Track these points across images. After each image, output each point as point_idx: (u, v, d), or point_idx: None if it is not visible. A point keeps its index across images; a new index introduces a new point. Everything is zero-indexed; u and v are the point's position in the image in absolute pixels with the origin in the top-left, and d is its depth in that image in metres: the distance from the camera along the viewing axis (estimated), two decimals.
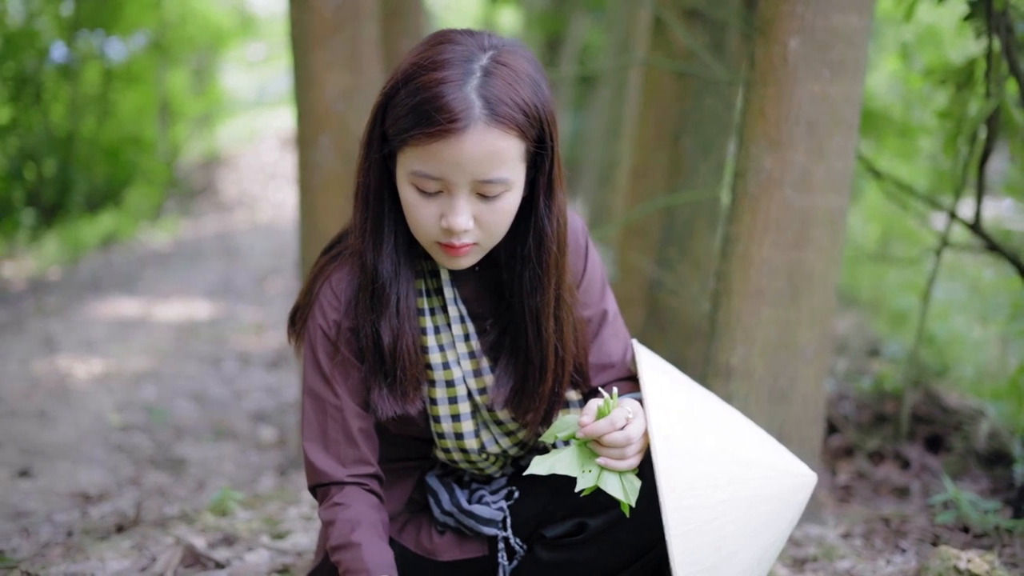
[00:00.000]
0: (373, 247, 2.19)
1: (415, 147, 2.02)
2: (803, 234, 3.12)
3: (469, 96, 1.99)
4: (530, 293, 2.23)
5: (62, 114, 13.57)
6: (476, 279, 2.32)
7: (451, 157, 2.00)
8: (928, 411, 4.48)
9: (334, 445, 2.29)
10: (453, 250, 2.11)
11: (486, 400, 2.30)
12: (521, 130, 2.04)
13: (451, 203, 2.05)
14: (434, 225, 2.08)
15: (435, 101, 1.99)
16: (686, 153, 4.68)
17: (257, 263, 11.45)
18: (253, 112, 20.86)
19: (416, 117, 2.00)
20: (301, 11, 4.50)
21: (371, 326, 2.22)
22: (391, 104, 2.07)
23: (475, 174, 2.02)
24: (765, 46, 3.12)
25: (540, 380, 2.28)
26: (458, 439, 2.31)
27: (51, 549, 3.45)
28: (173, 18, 15.94)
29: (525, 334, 2.26)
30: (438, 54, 2.04)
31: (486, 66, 2.03)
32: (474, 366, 2.30)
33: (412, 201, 2.08)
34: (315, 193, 4.54)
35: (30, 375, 6.39)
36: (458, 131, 1.98)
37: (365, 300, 2.22)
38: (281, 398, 6.31)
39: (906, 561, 2.98)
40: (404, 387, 2.23)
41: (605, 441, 2.04)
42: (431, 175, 2.03)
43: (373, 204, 2.18)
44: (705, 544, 2.01)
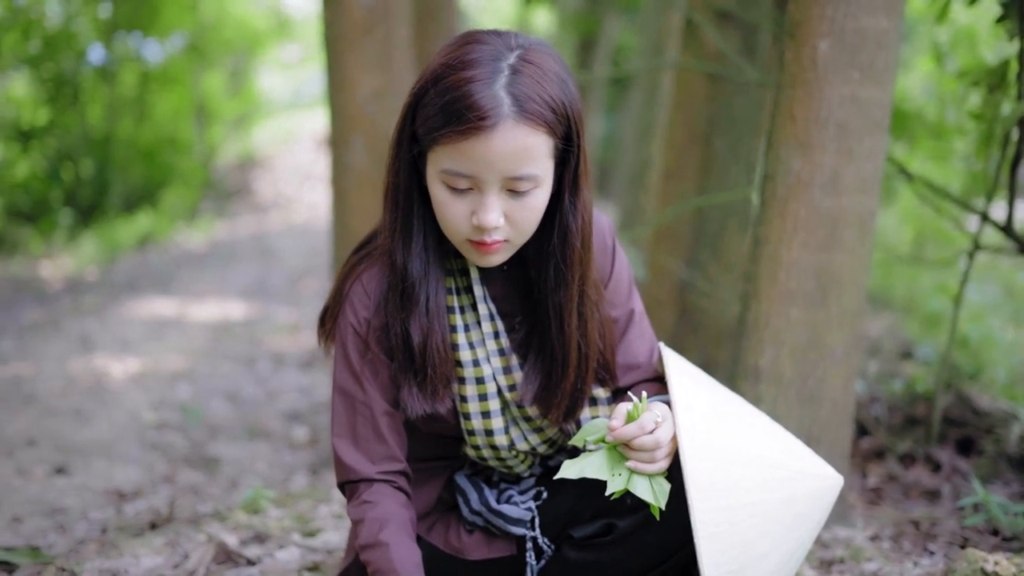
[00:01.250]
0: (403, 246, 2.22)
1: (445, 145, 2.05)
2: (832, 236, 3.13)
3: (498, 94, 2.02)
4: (554, 289, 2.25)
5: (99, 115, 13.69)
6: (504, 277, 2.34)
7: (481, 154, 2.02)
8: (960, 414, 4.46)
9: (363, 442, 2.31)
10: (484, 247, 2.13)
11: (515, 397, 2.32)
12: (549, 127, 2.07)
13: (482, 200, 2.08)
14: (465, 223, 2.11)
15: (465, 99, 2.01)
16: (717, 155, 4.69)
17: (291, 264, 11.51)
18: (288, 113, 20.97)
19: (446, 116, 2.03)
20: (334, 13, 4.54)
21: (401, 324, 2.24)
22: (420, 104, 2.10)
23: (505, 171, 2.05)
24: (795, 48, 3.12)
25: (563, 376, 2.29)
26: (488, 436, 2.33)
27: (86, 545, 3.50)
28: (210, 20, 16.05)
29: (550, 330, 2.28)
30: (466, 54, 2.06)
31: (514, 64, 2.06)
32: (503, 363, 2.32)
33: (443, 199, 2.11)
34: (347, 193, 4.58)
35: (67, 374, 6.45)
36: (488, 128, 2.01)
37: (395, 299, 2.24)
38: (314, 398, 6.34)
39: (933, 564, 2.98)
40: (434, 385, 2.26)
41: (635, 445, 2.06)
42: (462, 173, 2.05)
43: (403, 204, 2.20)
44: (733, 546, 2.02)
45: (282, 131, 19.21)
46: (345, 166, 4.56)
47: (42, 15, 12.51)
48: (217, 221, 14.52)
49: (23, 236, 11.93)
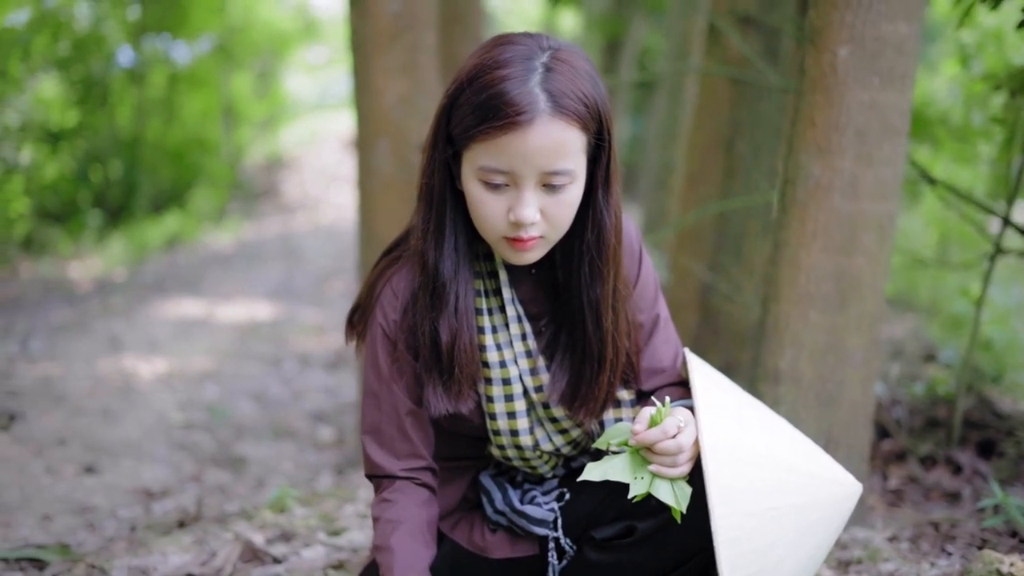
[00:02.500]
0: (435, 246, 2.25)
1: (482, 142, 2.09)
2: (852, 240, 3.15)
3: (534, 90, 2.06)
4: (589, 285, 2.28)
5: (128, 117, 13.78)
6: (532, 280, 2.38)
7: (518, 149, 2.07)
8: (981, 417, 4.48)
9: (388, 440, 2.36)
10: (520, 243, 2.16)
11: (542, 398, 2.35)
12: (583, 122, 2.11)
13: (519, 196, 2.12)
14: (502, 220, 2.14)
15: (501, 96, 2.06)
16: (740, 159, 4.72)
17: (318, 265, 11.57)
18: (315, 115, 21.04)
19: (483, 113, 2.07)
20: (361, 18, 4.58)
21: (430, 324, 2.28)
22: (456, 105, 2.14)
23: (541, 166, 2.09)
24: (815, 54, 3.15)
25: (598, 370, 2.33)
26: (513, 436, 2.37)
27: (115, 543, 3.56)
28: (237, 22, 16.13)
29: (583, 327, 2.32)
30: (500, 54, 2.11)
31: (547, 63, 2.10)
32: (530, 364, 2.36)
33: (479, 197, 2.14)
34: (373, 197, 4.62)
35: (95, 374, 6.52)
36: (524, 124, 2.05)
37: (425, 298, 2.28)
38: (339, 398, 6.39)
39: (950, 565, 3.00)
40: (459, 385, 2.30)
41: (657, 449, 2.09)
42: (499, 168, 2.09)
43: (437, 204, 2.24)
44: (752, 550, 2.05)
45: (308, 132, 19.29)
46: (371, 170, 4.60)
47: (71, 17, 12.59)
48: (244, 222, 14.59)
49: (52, 237, 12.01)
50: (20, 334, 7.66)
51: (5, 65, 10.59)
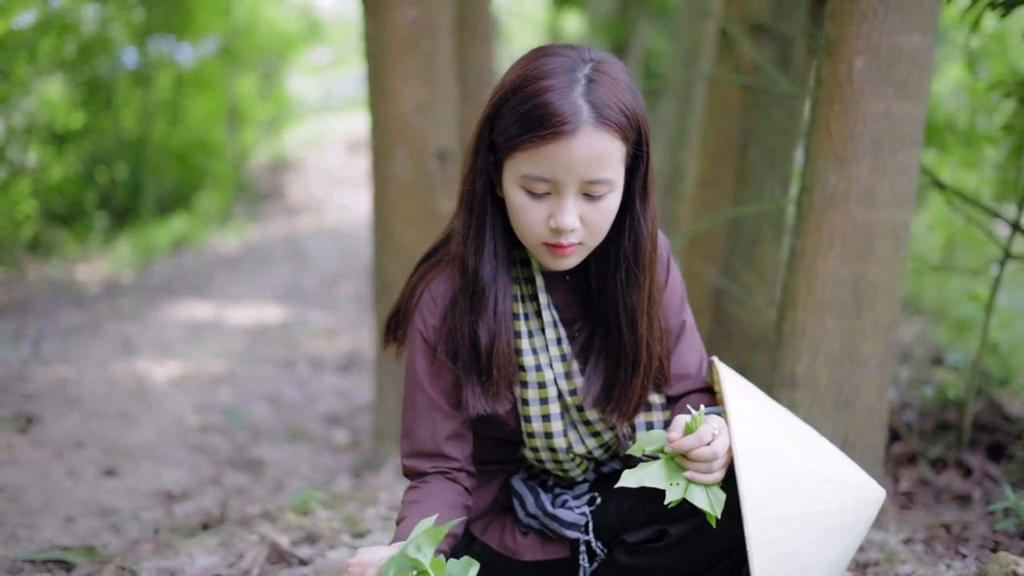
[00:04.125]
0: (475, 251, 2.31)
1: (526, 151, 2.15)
2: (867, 247, 3.20)
3: (577, 101, 2.13)
4: (625, 291, 2.35)
5: (133, 119, 13.79)
6: (567, 287, 2.44)
7: (562, 158, 2.13)
8: (990, 420, 4.51)
9: (420, 443, 2.41)
10: (560, 250, 2.22)
11: (576, 401, 2.40)
12: (623, 133, 2.17)
13: (560, 203, 2.17)
14: (543, 226, 2.20)
15: (546, 107, 2.12)
16: (752, 165, 4.76)
17: (325, 267, 11.60)
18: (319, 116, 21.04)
19: (528, 123, 2.13)
20: (377, 26, 4.62)
21: (469, 326, 2.33)
22: (499, 114, 2.20)
23: (583, 175, 2.15)
24: (831, 65, 3.20)
25: (632, 374, 2.38)
26: (547, 438, 2.42)
27: (140, 545, 3.60)
28: (242, 24, 16.15)
29: (618, 332, 2.37)
30: (543, 65, 2.17)
31: (589, 75, 2.16)
32: (565, 368, 2.41)
33: (521, 204, 2.21)
34: (391, 204, 4.66)
35: (110, 377, 6.56)
36: (568, 133, 2.11)
37: (465, 302, 2.33)
38: (353, 401, 6.43)
39: (966, 567, 3.04)
40: (496, 386, 2.35)
41: (693, 456, 2.14)
42: (542, 177, 2.16)
43: (477, 210, 2.30)
44: (782, 555, 2.09)
45: (313, 134, 19.30)
46: (388, 176, 4.64)
47: (78, 20, 12.62)
48: (249, 224, 14.61)
49: (59, 239, 12.03)
50: (31, 336, 7.70)
51: (12, 67, 10.61)
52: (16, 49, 10.78)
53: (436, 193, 4.65)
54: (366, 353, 7.64)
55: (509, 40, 18.10)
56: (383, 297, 4.78)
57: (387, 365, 4.86)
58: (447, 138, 4.67)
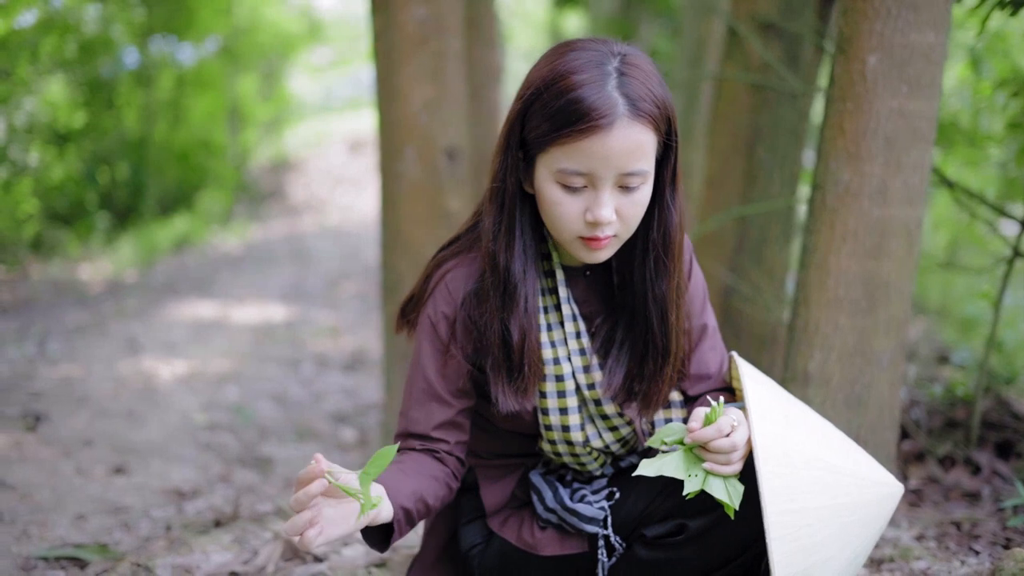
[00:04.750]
0: (506, 248, 2.33)
1: (562, 146, 2.17)
2: (880, 245, 3.21)
3: (612, 94, 2.15)
4: (655, 281, 2.37)
5: (135, 119, 13.81)
6: (586, 282, 2.46)
7: (599, 152, 2.15)
8: (999, 418, 4.52)
9: (414, 424, 2.43)
10: (596, 243, 2.24)
11: (594, 395, 2.42)
12: (656, 124, 2.20)
13: (596, 196, 2.20)
14: (578, 220, 2.22)
15: (582, 102, 2.14)
16: (761, 163, 4.77)
17: (327, 267, 11.61)
18: (320, 116, 21.06)
19: (563, 118, 2.15)
20: (386, 25, 4.62)
21: (500, 323, 2.34)
22: (531, 111, 2.22)
23: (620, 167, 2.17)
24: (844, 63, 3.21)
25: (663, 364, 2.41)
26: (564, 431, 2.43)
27: (153, 542, 3.61)
28: (243, 24, 16.17)
29: (646, 323, 2.39)
30: (574, 59, 2.19)
31: (619, 67, 2.19)
32: (583, 362, 2.42)
33: (557, 198, 2.22)
34: (399, 202, 4.66)
35: (116, 375, 6.56)
36: (605, 127, 2.13)
37: (496, 298, 2.34)
38: (359, 400, 6.44)
39: (980, 563, 3.05)
40: (526, 382, 2.37)
41: (712, 447, 2.14)
42: (579, 171, 2.18)
43: (508, 207, 2.32)
44: (802, 548, 2.11)
45: (314, 134, 19.32)
46: (397, 175, 4.65)
47: (80, 20, 12.63)
48: (251, 224, 14.63)
49: (61, 239, 12.04)
50: (36, 336, 7.70)
51: (14, 67, 10.62)
52: (18, 49, 10.79)
53: (445, 191, 4.66)
54: (371, 352, 7.65)
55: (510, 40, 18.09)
56: (392, 295, 4.78)
57: (396, 364, 4.87)
58: (456, 136, 4.68)
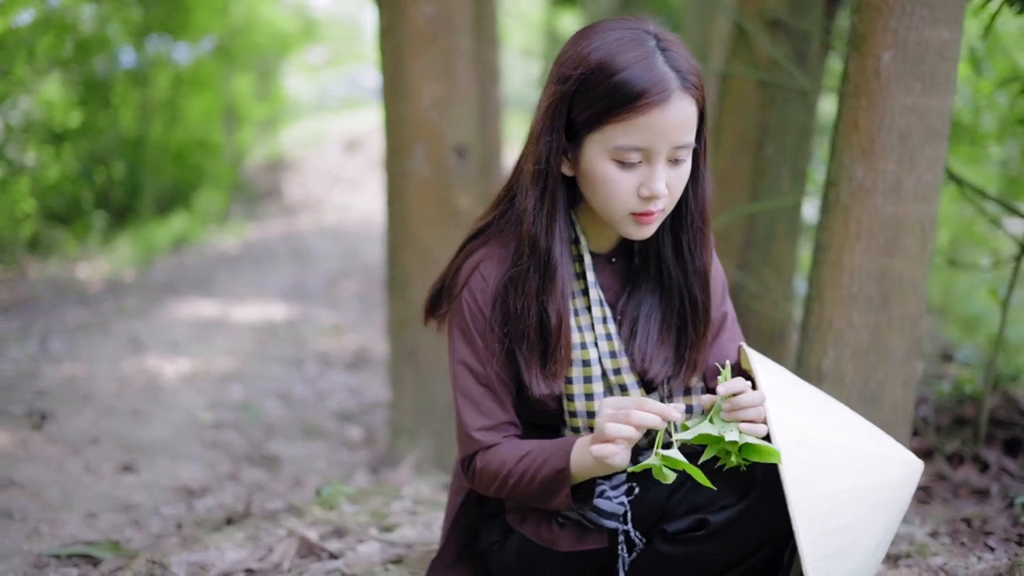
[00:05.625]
0: (546, 231, 2.34)
1: (620, 122, 2.20)
2: (894, 241, 3.22)
3: (663, 69, 2.20)
4: (698, 252, 2.43)
5: (131, 118, 13.78)
6: (611, 269, 2.48)
7: (657, 126, 2.19)
8: (1007, 415, 4.53)
9: (487, 413, 2.44)
10: (648, 218, 2.28)
11: (621, 380, 2.43)
12: (699, 96, 2.26)
13: (651, 171, 2.24)
14: (632, 196, 2.26)
15: (639, 78, 2.18)
16: (768, 161, 4.78)
17: (327, 266, 11.60)
18: (315, 116, 21.04)
19: (621, 95, 2.19)
20: (394, 22, 4.63)
21: (539, 306, 2.36)
22: (580, 91, 2.24)
23: (674, 140, 2.22)
24: (858, 59, 3.22)
25: (704, 331, 2.47)
26: (589, 418, 2.43)
27: (165, 540, 3.60)
28: (239, 23, 16.14)
29: (688, 293, 2.45)
30: (616, 40, 2.24)
31: (660, 45, 2.24)
32: (609, 348, 2.43)
33: (612, 176, 2.25)
34: (408, 199, 4.67)
35: (120, 374, 6.55)
36: (663, 102, 2.18)
37: (536, 281, 2.35)
38: (363, 398, 6.45)
39: (996, 559, 3.06)
40: (559, 366, 2.38)
41: (742, 402, 2.16)
42: (637, 146, 2.21)
43: (551, 188, 2.34)
44: (829, 532, 2.11)
45: (310, 133, 19.28)
46: (406, 173, 4.65)
47: (76, 19, 12.61)
48: (248, 223, 14.60)
49: (58, 238, 12.01)
50: (38, 335, 7.69)
51: (11, 66, 10.60)
52: (15, 48, 10.76)
53: (454, 189, 4.67)
54: (374, 351, 7.65)
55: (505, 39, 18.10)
56: (399, 293, 4.79)
57: (402, 362, 4.88)
58: (465, 134, 4.68)
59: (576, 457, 2.30)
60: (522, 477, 2.36)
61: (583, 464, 2.29)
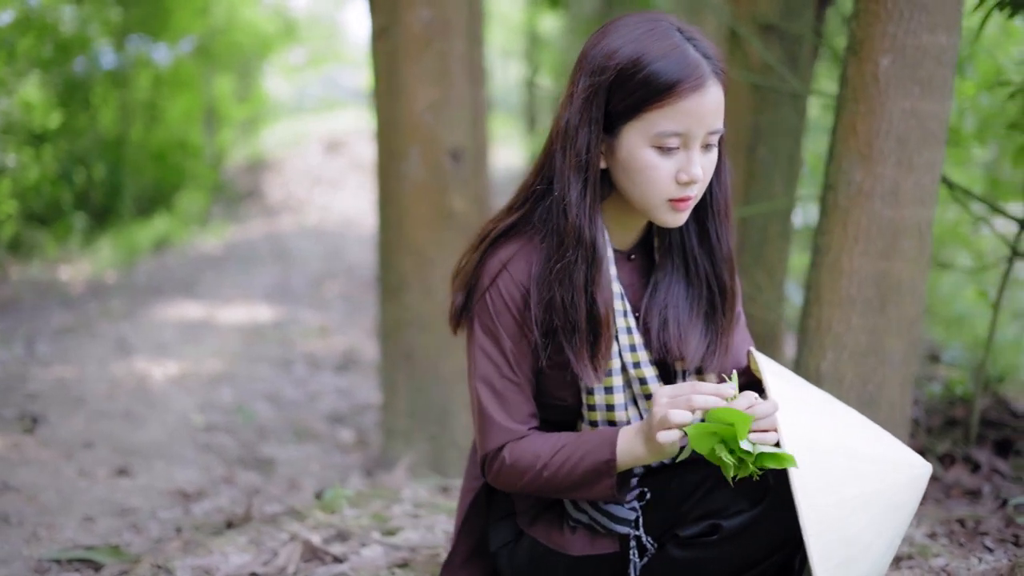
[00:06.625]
0: (591, 222, 2.35)
1: (661, 109, 2.22)
2: (892, 245, 3.24)
3: (695, 56, 2.24)
4: (724, 237, 2.47)
5: (111, 119, 13.74)
6: (630, 266, 2.50)
7: (696, 111, 2.22)
8: (997, 416, 4.56)
9: (513, 407, 2.44)
10: (684, 203, 2.30)
11: (640, 374, 2.43)
12: (726, 83, 2.31)
13: (689, 156, 2.26)
14: (670, 182, 2.27)
15: (677, 66, 2.22)
16: (761, 164, 4.80)
17: (310, 267, 11.59)
18: (295, 117, 21.01)
19: (662, 81, 2.21)
20: (389, 25, 4.64)
21: (587, 298, 2.36)
22: (618, 82, 2.26)
23: (709, 125, 2.26)
24: (857, 64, 3.24)
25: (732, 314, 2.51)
26: (608, 411, 2.43)
27: (166, 544, 3.60)
28: (220, 24, 16.11)
29: (718, 279, 2.49)
30: (646, 33, 2.27)
31: (684, 35, 2.27)
32: (630, 341, 2.43)
33: (652, 163, 2.27)
34: (404, 202, 4.68)
35: (110, 376, 6.54)
36: (701, 87, 2.22)
37: (583, 271, 2.35)
38: (354, 400, 6.45)
39: (997, 559, 3.09)
40: (606, 356, 2.39)
41: (756, 413, 2.15)
42: (677, 132, 2.24)
43: (593, 180, 2.34)
44: (841, 539, 2.12)
45: (290, 134, 19.26)
46: (400, 176, 4.66)
47: (57, 19, 12.56)
48: (229, 224, 14.58)
49: (38, 240, 11.96)
50: (24, 337, 7.67)
51: None
52: None
53: (449, 192, 4.68)
54: (362, 352, 7.66)
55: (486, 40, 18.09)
56: (394, 296, 4.80)
57: (396, 364, 4.88)
58: (460, 137, 4.70)
59: (624, 447, 2.30)
60: (561, 467, 2.35)
61: (633, 454, 2.29)
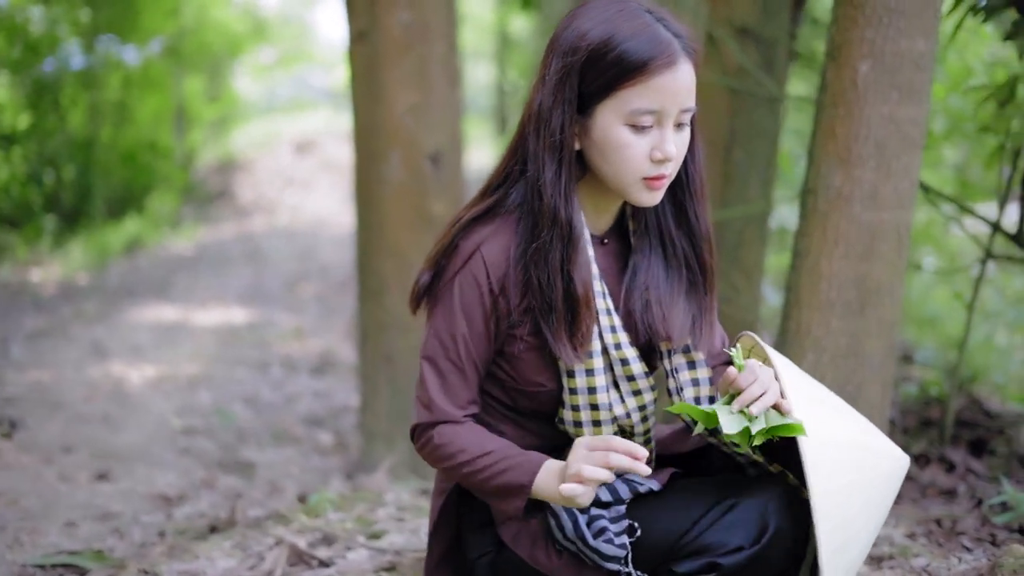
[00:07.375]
0: (565, 203, 2.35)
1: (634, 87, 2.24)
2: (871, 248, 3.28)
3: (666, 34, 2.24)
4: (702, 215, 2.48)
5: (81, 120, 13.66)
6: (604, 250, 2.50)
7: (670, 87, 2.23)
8: (971, 416, 4.62)
9: (454, 390, 2.43)
10: (659, 182, 2.30)
11: (621, 355, 2.43)
12: (697, 62, 2.31)
13: (662, 133, 2.27)
14: (644, 160, 2.28)
15: (649, 43, 2.23)
16: (737, 166, 4.83)
17: (283, 268, 11.56)
18: (265, 117, 20.92)
19: (635, 59, 2.23)
20: (370, 29, 4.65)
21: (564, 278, 2.36)
22: (589, 61, 2.27)
23: (681, 103, 2.26)
24: (836, 69, 3.27)
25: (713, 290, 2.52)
26: (590, 394, 2.42)
27: (150, 548, 3.61)
28: (190, 24, 16.05)
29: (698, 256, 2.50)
30: (617, 12, 2.29)
31: (654, 16, 2.28)
32: (609, 322, 2.43)
33: (626, 140, 2.28)
34: (384, 206, 4.69)
35: (86, 380, 6.53)
36: (673, 64, 2.23)
37: (560, 251, 2.35)
38: (332, 403, 6.46)
39: (976, 559, 3.13)
40: (586, 336, 2.38)
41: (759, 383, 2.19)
42: (651, 109, 2.25)
43: (568, 159, 2.34)
44: (839, 525, 2.15)
45: (260, 134, 19.18)
46: (380, 179, 4.68)
47: (26, 20, 12.50)
48: (201, 225, 14.53)
49: (9, 242, 11.90)
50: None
51: None
52: None
53: (429, 195, 4.70)
54: (339, 355, 7.66)
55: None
56: (374, 298, 4.81)
57: (376, 367, 4.90)
58: (440, 141, 4.72)
59: (543, 481, 2.31)
60: (480, 472, 2.36)
61: (547, 490, 2.30)
